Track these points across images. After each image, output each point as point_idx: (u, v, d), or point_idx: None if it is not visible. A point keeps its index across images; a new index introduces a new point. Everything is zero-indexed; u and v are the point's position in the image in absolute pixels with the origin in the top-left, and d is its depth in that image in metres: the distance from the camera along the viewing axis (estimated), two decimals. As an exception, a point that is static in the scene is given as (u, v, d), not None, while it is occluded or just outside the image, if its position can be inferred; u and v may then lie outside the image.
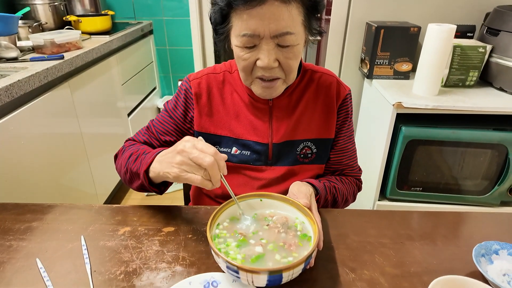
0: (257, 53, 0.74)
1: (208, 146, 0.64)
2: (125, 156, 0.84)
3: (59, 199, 1.56)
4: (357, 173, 1.01)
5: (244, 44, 0.73)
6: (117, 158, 0.90)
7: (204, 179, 0.64)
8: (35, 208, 0.83)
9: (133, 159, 0.81)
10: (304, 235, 0.66)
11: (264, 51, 0.72)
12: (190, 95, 0.88)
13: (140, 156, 0.79)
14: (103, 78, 1.94)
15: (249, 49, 0.74)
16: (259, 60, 0.74)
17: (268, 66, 0.73)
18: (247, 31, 0.71)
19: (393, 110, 1.38)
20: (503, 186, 1.44)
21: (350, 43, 1.77)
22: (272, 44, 0.72)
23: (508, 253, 0.68)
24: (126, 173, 0.82)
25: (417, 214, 0.85)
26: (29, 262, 0.67)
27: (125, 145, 0.90)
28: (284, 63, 0.75)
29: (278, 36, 0.71)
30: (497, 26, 1.46)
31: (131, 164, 0.80)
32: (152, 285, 0.63)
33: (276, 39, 0.71)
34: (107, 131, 2.04)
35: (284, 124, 0.88)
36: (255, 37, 0.71)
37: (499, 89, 1.49)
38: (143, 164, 0.76)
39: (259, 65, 0.74)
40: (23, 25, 1.81)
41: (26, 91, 1.32)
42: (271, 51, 0.72)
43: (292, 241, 0.65)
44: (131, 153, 0.83)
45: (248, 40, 0.72)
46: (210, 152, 0.63)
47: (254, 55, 0.74)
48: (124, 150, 0.88)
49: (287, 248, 0.64)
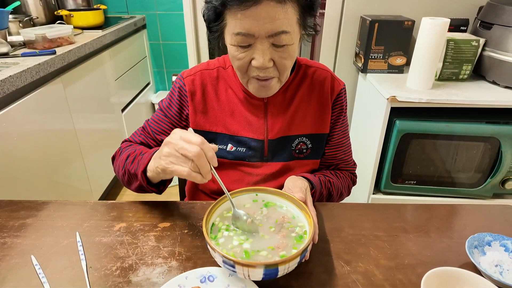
0: (251, 52, 0.73)
1: (196, 136, 0.63)
2: (122, 157, 0.83)
3: (53, 195, 1.55)
4: (351, 168, 1.02)
5: (238, 43, 0.72)
6: (114, 160, 0.89)
7: (192, 171, 0.62)
8: (29, 205, 0.83)
9: (130, 160, 0.80)
10: (300, 236, 0.65)
11: (259, 51, 0.71)
12: (184, 93, 0.87)
13: (137, 157, 0.79)
14: (96, 73, 1.92)
15: (244, 49, 0.73)
16: (254, 60, 0.73)
17: (263, 66, 0.72)
18: (242, 30, 0.70)
19: (387, 104, 1.39)
20: (496, 178, 1.46)
21: (345, 37, 1.77)
22: (267, 43, 0.71)
23: (500, 244, 0.69)
24: (124, 175, 0.82)
25: (411, 207, 0.86)
26: (24, 259, 0.67)
27: (122, 147, 0.90)
28: (279, 63, 0.74)
29: (273, 36, 0.70)
30: (490, 19, 1.47)
31: (128, 165, 0.80)
32: (148, 280, 0.63)
33: (271, 39, 0.70)
34: (101, 127, 2.02)
35: (279, 120, 0.88)
36: (250, 36, 0.70)
37: (492, 82, 1.50)
38: (141, 165, 0.75)
39: (254, 65, 0.73)
40: (14, 20, 1.77)
41: (18, 87, 1.30)
42: (266, 50, 0.71)
43: (287, 243, 0.65)
44: (128, 154, 0.83)
45: (243, 39, 0.71)
46: (196, 142, 0.62)
47: (249, 55, 0.73)
48: (121, 152, 0.87)
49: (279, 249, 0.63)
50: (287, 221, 0.69)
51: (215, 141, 0.89)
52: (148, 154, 0.76)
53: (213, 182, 0.92)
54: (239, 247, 0.63)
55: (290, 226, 0.68)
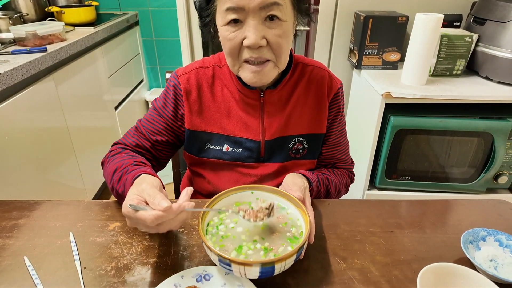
0: (243, 31, 0.69)
1: (150, 216, 0.54)
2: (110, 170, 0.78)
3: (46, 195, 1.53)
4: (349, 166, 1.01)
5: (229, 20, 0.69)
6: (103, 166, 0.84)
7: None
8: (22, 205, 0.81)
9: (116, 178, 0.75)
10: (295, 237, 0.65)
11: (251, 27, 0.68)
12: (179, 92, 0.85)
13: (123, 176, 0.73)
14: (89, 70, 1.90)
15: (235, 26, 0.69)
16: (246, 39, 0.69)
17: (255, 44, 0.68)
18: (231, 4, 0.67)
19: (382, 100, 1.39)
20: (489, 173, 1.47)
21: (339, 33, 1.77)
22: (259, 18, 0.68)
23: (494, 239, 0.69)
24: (113, 190, 0.78)
25: (405, 203, 0.86)
26: (16, 260, 0.66)
27: (111, 151, 0.85)
28: (273, 42, 0.70)
29: (265, 8, 0.67)
30: (483, 15, 1.48)
31: (115, 184, 0.75)
32: (144, 280, 0.63)
33: (263, 12, 0.67)
34: (94, 124, 2.00)
35: (276, 120, 0.86)
36: (240, 10, 0.67)
37: (485, 78, 1.51)
38: (127, 187, 0.69)
39: (245, 44, 0.69)
40: (3, 17, 1.74)
41: (9, 85, 1.28)
42: (258, 26, 0.68)
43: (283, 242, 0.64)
44: (115, 168, 0.76)
45: (233, 15, 0.68)
46: (152, 223, 0.55)
47: (240, 34, 0.70)
48: (109, 161, 0.81)
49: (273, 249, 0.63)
50: (283, 222, 0.68)
51: (210, 142, 0.87)
52: (131, 176, 0.69)
53: (209, 184, 0.92)
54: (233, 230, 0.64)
55: (285, 224, 0.68)
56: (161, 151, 0.89)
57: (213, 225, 0.67)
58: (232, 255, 0.60)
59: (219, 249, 0.61)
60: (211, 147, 0.87)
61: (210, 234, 0.65)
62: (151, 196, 0.58)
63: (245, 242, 0.63)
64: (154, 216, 0.54)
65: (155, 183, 0.63)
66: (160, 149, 0.89)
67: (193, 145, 0.89)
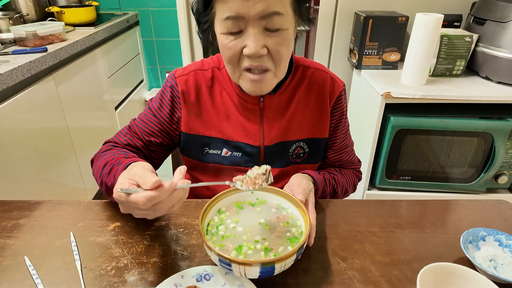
0: (243, 39, 0.67)
1: (143, 198, 0.52)
2: (99, 165, 0.75)
3: (47, 195, 1.53)
4: (356, 165, 1.01)
5: (228, 30, 0.67)
6: (92, 164, 0.82)
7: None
8: (22, 205, 0.81)
9: (106, 170, 0.72)
10: (296, 237, 0.65)
11: (251, 36, 0.66)
12: (176, 93, 0.83)
13: (114, 168, 0.70)
14: (89, 71, 1.90)
15: (235, 36, 0.67)
16: (246, 47, 0.67)
17: (255, 53, 0.66)
18: (231, 13, 0.65)
19: (382, 100, 1.39)
20: (489, 173, 1.47)
21: (339, 34, 1.77)
22: (259, 27, 0.66)
23: (494, 239, 0.69)
24: (102, 185, 0.75)
25: (405, 203, 0.86)
26: (17, 260, 0.66)
27: (102, 149, 0.82)
28: (274, 50, 0.68)
29: (266, 17, 0.65)
30: (483, 15, 1.48)
31: (105, 177, 0.72)
32: (144, 279, 0.63)
33: (264, 21, 0.65)
34: (94, 124, 2.00)
35: (275, 126, 0.84)
36: (240, 19, 0.65)
37: (485, 78, 1.51)
38: (117, 177, 0.65)
39: (245, 53, 0.67)
40: (3, 17, 1.74)
41: (9, 85, 1.28)
42: (259, 36, 0.66)
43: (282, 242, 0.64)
44: (106, 162, 0.74)
45: (233, 24, 0.66)
46: (144, 206, 0.52)
47: (240, 42, 0.67)
48: (99, 157, 0.79)
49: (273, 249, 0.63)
50: (284, 222, 0.68)
51: (209, 146, 0.85)
52: (122, 166, 0.67)
53: (207, 190, 0.91)
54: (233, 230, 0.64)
55: (285, 224, 0.68)
56: (154, 152, 0.87)
57: (213, 225, 0.67)
58: (232, 255, 0.60)
59: (219, 249, 0.61)
60: (209, 152, 0.86)
61: (210, 234, 0.65)
62: (141, 177, 0.55)
63: (245, 242, 0.64)
64: (146, 198, 0.51)
65: (146, 166, 0.61)
66: (153, 149, 0.87)
67: (190, 149, 0.87)
